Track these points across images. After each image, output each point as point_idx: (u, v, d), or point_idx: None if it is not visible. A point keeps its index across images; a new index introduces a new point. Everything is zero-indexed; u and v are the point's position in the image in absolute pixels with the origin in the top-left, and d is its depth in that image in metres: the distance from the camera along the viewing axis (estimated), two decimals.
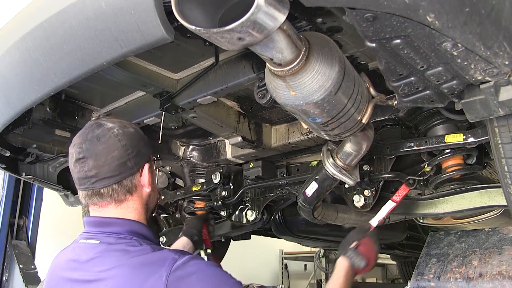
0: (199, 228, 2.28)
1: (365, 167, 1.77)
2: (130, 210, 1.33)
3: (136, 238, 1.28)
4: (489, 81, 1.09)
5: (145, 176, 1.34)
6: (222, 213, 2.31)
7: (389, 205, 1.67)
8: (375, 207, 1.76)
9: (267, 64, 1.05)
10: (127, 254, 1.22)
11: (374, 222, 1.69)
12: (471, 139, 1.55)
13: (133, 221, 1.32)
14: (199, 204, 2.55)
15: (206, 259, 2.12)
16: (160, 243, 2.73)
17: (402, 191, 1.69)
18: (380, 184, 1.79)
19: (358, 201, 1.80)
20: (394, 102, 1.31)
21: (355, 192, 1.81)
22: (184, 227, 2.30)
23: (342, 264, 1.55)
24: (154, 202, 1.44)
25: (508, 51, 1.00)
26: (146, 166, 1.35)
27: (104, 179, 1.28)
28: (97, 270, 1.22)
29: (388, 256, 5.36)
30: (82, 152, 1.28)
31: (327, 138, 1.36)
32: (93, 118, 1.56)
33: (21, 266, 3.35)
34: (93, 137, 1.29)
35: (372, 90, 1.29)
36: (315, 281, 6.07)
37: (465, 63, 1.03)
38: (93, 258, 1.25)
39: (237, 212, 2.30)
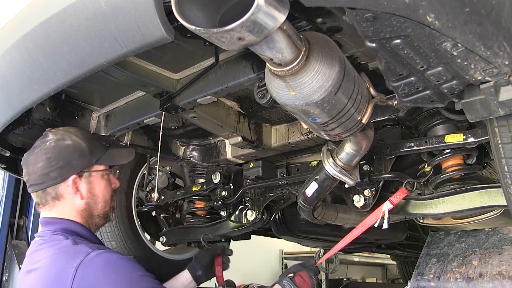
0: (207, 263, 2.08)
1: (365, 167, 1.77)
2: (62, 213, 1.51)
3: (66, 234, 1.45)
4: (489, 81, 1.09)
5: (71, 186, 1.50)
6: (222, 213, 2.31)
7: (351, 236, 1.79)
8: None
9: (267, 64, 1.05)
10: (53, 247, 1.40)
11: (319, 260, 1.93)
12: (471, 139, 1.55)
13: (65, 220, 1.51)
14: (199, 204, 2.55)
15: None
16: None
17: (401, 194, 1.69)
18: (380, 184, 1.79)
19: (358, 201, 1.80)
20: (394, 102, 1.31)
21: (355, 192, 1.81)
22: (193, 259, 2.13)
23: None
24: (100, 209, 1.58)
25: (508, 51, 1.00)
26: (72, 177, 1.50)
27: (33, 186, 1.52)
28: (34, 261, 1.43)
29: (388, 256, 5.37)
30: (23, 159, 1.55)
31: (327, 138, 1.36)
32: (48, 129, 1.66)
33: (21, 266, 3.35)
34: (32, 147, 1.55)
35: (372, 90, 1.29)
36: None
37: (465, 63, 1.03)
38: (34, 251, 1.47)
39: (237, 212, 2.29)
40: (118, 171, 1.79)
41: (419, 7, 0.86)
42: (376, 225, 1.69)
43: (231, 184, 2.28)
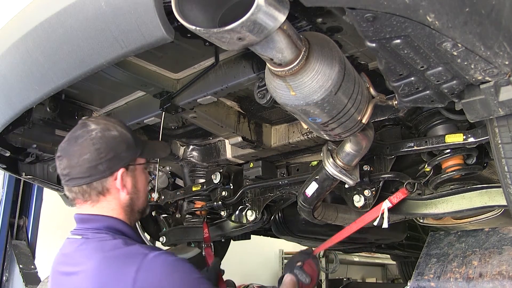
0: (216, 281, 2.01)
1: (365, 167, 1.76)
2: (106, 209, 1.39)
3: (112, 233, 1.35)
4: (489, 81, 1.09)
5: (119, 180, 1.37)
6: (222, 213, 2.31)
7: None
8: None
9: (267, 64, 1.05)
10: (100, 248, 1.29)
11: (316, 249, 1.96)
12: (471, 139, 1.55)
13: (109, 217, 1.38)
14: (199, 204, 2.55)
15: None
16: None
17: (401, 194, 1.69)
18: (380, 184, 1.79)
19: (358, 201, 1.80)
20: (394, 102, 1.31)
21: (355, 192, 1.81)
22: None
23: (289, 279, 1.73)
24: (141, 205, 1.47)
25: (508, 51, 1.00)
26: (121, 171, 1.37)
27: (75, 179, 1.35)
28: (76, 263, 1.31)
29: (388, 256, 5.37)
30: (60, 150, 1.37)
31: (327, 138, 1.36)
32: (83, 118, 1.56)
33: (21, 266, 3.35)
34: (73, 137, 1.37)
35: (372, 90, 1.29)
36: None
37: (465, 63, 1.03)
38: (74, 251, 1.34)
39: (237, 212, 2.30)
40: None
41: (419, 7, 0.86)
42: (375, 223, 1.69)
43: (231, 184, 2.28)
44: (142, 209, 1.50)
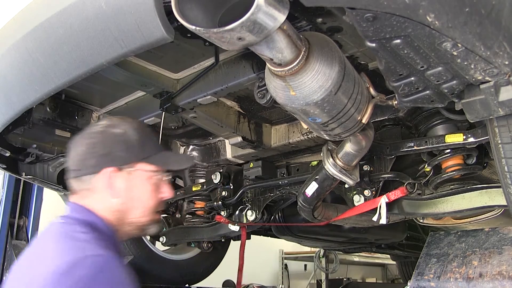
0: None
1: (365, 167, 1.76)
2: (91, 207, 1.29)
3: (86, 229, 1.23)
4: (489, 81, 1.09)
5: (107, 179, 1.27)
6: (222, 213, 2.31)
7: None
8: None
9: (267, 64, 1.05)
10: (63, 230, 1.23)
11: None
12: (471, 139, 1.55)
13: (92, 213, 1.28)
14: (199, 204, 2.55)
15: None
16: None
17: (399, 192, 1.69)
18: (380, 184, 1.79)
19: (358, 201, 1.80)
20: (394, 102, 1.31)
21: (355, 192, 1.81)
22: None
23: None
24: (137, 217, 1.32)
25: (508, 51, 1.00)
26: (110, 169, 1.27)
27: (70, 171, 1.32)
28: (42, 243, 1.25)
29: (388, 256, 5.37)
30: (71, 142, 1.35)
31: (327, 138, 1.36)
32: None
33: None
34: (83, 131, 1.35)
35: (372, 90, 1.29)
36: (315, 281, 6.06)
37: (465, 63, 1.03)
38: (46, 232, 1.28)
39: (237, 212, 2.29)
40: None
41: (419, 7, 0.86)
42: (374, 219, 1.69)
43: (231, 184, 2.27)
44: (139, 224, 1.34)
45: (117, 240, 1.32)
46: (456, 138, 1.58)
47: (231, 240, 3.08)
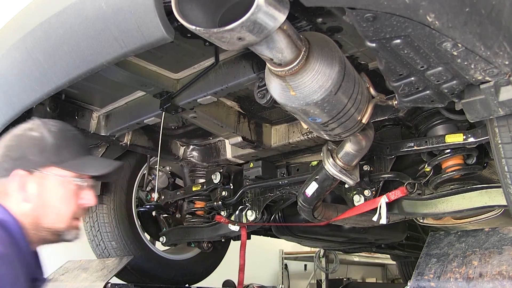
0: None
1: (365, 167, 1.77)
2: (8, 207, 1.25)
3: None
4: (489, 81, 1.09)
5: (17, 182, 1.23)
6: (222, 213, 2.31)
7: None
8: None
9: (267, 64, 1.05)
10: None
11: None
12: (471, 139, 1.55)
13: (8, 213, 1.24)
14: (199, 204, 2.55)
15: None
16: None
17: (399, 192, 1.70)
18: (380, 184, 1.79)
19: (358, 201, 1.80)
20: (394, 102, 1.31)
21: (355, 192, 1.81)
22: None
23: None
24: (52, 223, 1.27)
25: (508, 51, 1.00)
26: (20, 172, 1.23)
27: None
28: None
29: (388, 256, 5.37)
30: None
31: (327, 138, 1.36)
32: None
33: None
34: (7, 133, 1.32)
35: (372, 90, 1.29)
36: (315, 281, 6.07)
37: (465, 63, 1.03)
38: None
39: (237, 212, 2.29)
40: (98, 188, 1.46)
41: (419, 7, 0.86)
42: (375, 219, 1.69)
43: (231, 184, 2.28)
44: (53, 230, 1.28)
45: (27, 244, 1.26)
46: (456, 138, 1.58)
47: (231, 240, 3.08)
